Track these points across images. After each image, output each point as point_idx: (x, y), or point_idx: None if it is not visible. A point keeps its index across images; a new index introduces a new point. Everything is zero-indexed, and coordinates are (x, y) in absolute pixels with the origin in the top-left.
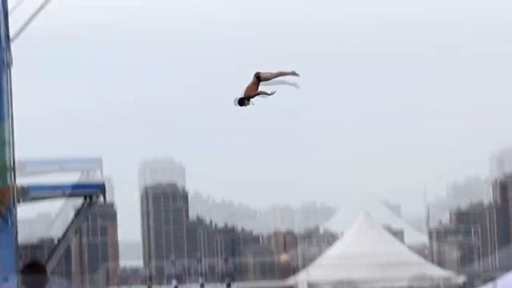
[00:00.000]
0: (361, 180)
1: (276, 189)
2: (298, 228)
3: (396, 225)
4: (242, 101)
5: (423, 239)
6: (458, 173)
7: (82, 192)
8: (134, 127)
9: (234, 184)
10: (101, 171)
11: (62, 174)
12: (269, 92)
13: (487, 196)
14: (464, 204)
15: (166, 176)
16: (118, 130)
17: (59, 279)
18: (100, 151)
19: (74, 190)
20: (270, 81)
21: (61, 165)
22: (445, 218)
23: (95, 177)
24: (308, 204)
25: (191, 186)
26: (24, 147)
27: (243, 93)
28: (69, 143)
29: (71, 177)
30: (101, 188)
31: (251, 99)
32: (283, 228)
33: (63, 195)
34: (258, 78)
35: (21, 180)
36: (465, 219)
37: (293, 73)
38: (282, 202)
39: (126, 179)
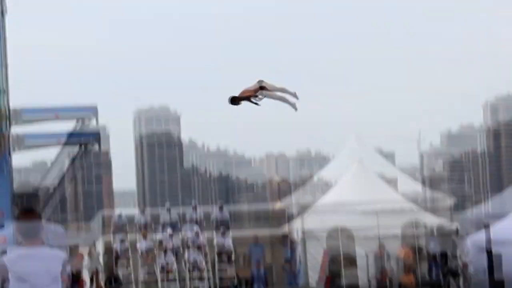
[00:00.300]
0: (355, 129)
1: (271, 137)
2: (293, 176)
3: (390, 173)
4: (235, 100)
5: (417, 187)
6: (452, 122)
7: (77, 140)
8: (130, 75)
9: (229, 133)
10: (97, 119)
11: (57, 122)
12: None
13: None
14: (457, 152)
15: (161, 125)
16: (114, 78)
17: (54, 226)
18: (95, 99)
19: (69, 138)
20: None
21: (56, 113)
22: (439, 166)
23: (90, 125)
24: (302, 152)
25: (186, 134)
26: (19, 94)
27: (240, 93)
28: (64, 89)
29: (66, 126)
30: (96, 136)
31: (247, 100)
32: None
33: (58, 143)
34: (260, 89)
35: (17, 128)
36: (458, 167)
37: (294, 95)
38: (277, 150)
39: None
